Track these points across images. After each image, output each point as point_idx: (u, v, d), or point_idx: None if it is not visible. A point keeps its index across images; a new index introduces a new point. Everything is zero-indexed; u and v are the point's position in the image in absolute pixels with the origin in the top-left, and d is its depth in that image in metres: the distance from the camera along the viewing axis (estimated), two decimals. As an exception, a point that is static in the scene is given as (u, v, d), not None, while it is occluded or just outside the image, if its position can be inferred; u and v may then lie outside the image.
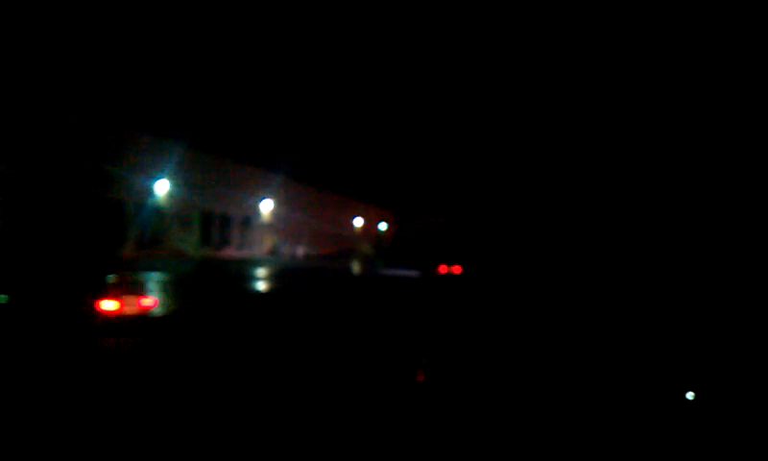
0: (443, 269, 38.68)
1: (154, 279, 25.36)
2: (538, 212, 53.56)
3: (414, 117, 58.89)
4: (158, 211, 40.97)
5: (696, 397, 7.56)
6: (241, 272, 32.62)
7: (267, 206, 52.61)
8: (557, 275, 29.09)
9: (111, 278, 13.73)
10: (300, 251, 55.45)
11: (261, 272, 32.77)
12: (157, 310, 15.73)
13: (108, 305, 12.00)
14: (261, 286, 25.54)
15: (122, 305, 12.08)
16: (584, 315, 14.65)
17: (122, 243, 37.07)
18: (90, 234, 33.95)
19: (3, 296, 17.29)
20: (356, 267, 43.45)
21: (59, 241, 30.91)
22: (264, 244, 52.31)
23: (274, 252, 51.68)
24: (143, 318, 12.57)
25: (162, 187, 41.03)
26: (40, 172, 32.38)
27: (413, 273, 37.81)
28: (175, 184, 41.48)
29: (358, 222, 70.21)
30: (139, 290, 13.59)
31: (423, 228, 60.35)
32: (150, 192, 40.39)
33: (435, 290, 26.62)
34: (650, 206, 47.30)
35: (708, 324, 13.00)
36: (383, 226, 76.50)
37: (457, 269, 38.89)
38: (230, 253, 45.76)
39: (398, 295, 23.87)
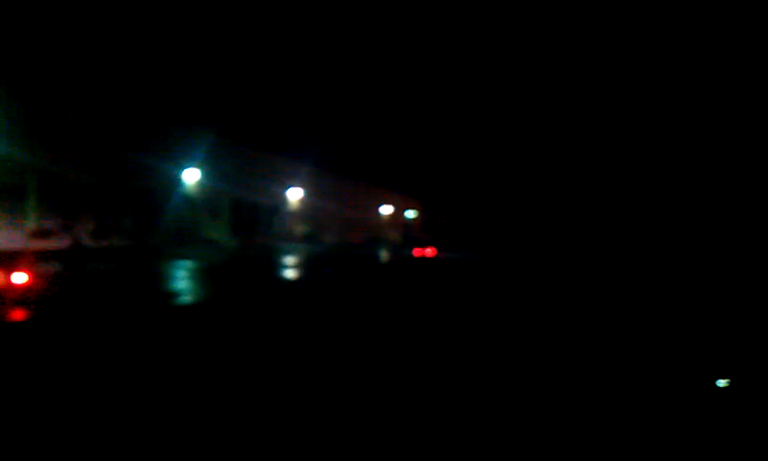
0: (417, 252, 38.97)
1: (184, 267, 25.59)
2: (563, 200, 53.35)
3: (440, 104, 58.64)
4: (189, 200, 41.31)
5: (729, 384, 7.45)
6: (272, 259, 32.80)
7: (296, 195, 52.77)
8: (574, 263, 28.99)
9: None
10: (329, 238, 55.59)
11: (292, 259, 32.91)
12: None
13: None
14: (291, 274, 25.65)
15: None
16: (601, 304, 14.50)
17: (152, 232, 37.45)
18: (121, 223, 34.35)
19: None
20: (384, 254, 43.48)
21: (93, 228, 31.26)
22: (293, 232, 52.50)
23: (304, 239, 51.85)
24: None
25: (193, 176, 41.34)
26: (74, 162, 32.78)
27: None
28: (205, 173, 41.77)
29: (386, 209, 70.17)
30: (15, 265, 13.98)
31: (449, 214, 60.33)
32: (180, 181, 40.72)
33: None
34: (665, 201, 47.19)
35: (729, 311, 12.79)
36: (411, 213, 76.38)
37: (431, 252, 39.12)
38: (260, 240, 45.99)
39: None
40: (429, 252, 39.72)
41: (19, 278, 13.61)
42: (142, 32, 37.46)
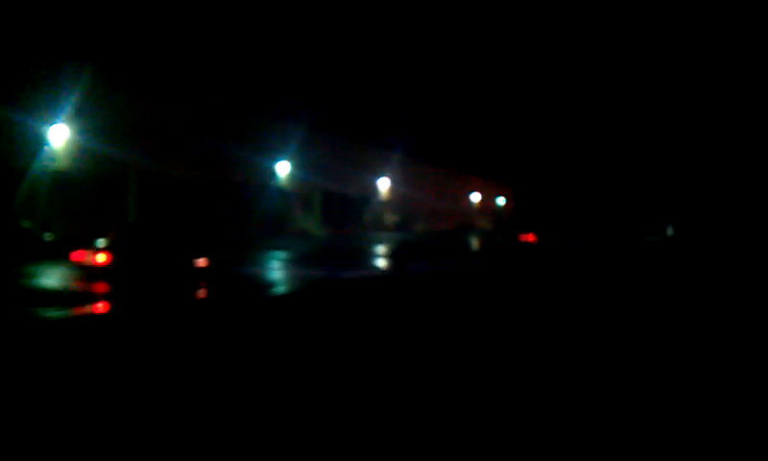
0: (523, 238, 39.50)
1: (277, 258, 25.91)
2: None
3: (529, 92, 57.50)
4: (281, 192, 41.93)
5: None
6: (365, 249, 32.84)
7: (386, 184, 52.81)
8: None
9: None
10: (420, 227, 55.43)
11: (384, 249, 32.85)
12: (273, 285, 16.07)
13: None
14: (384, 263, 25.54)
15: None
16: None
17: (247, 223, 38.17)
18: (215, 215, 35.14)
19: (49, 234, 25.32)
20: (475, 242, 42.95)
21: (185, 222, 32.08)
22: (384, 222, 52.59)
23: (394, 229, 51.87)
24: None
25: (284, 169, 41.90)
26: (169, 157, 33.68)
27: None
28: (296, 166, 42.28)
29: (476, 197, 69.48)
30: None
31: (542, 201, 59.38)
32: (272, 174, 41.35)
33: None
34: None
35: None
36: (501, 200, 75.39)
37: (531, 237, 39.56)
38: (351, 231, 46.25)
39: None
40: (531, 237, 40.14)
41: (100, 257, 15.74)
42: (235, 28, 38.14)
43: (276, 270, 21.68)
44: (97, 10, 30.87)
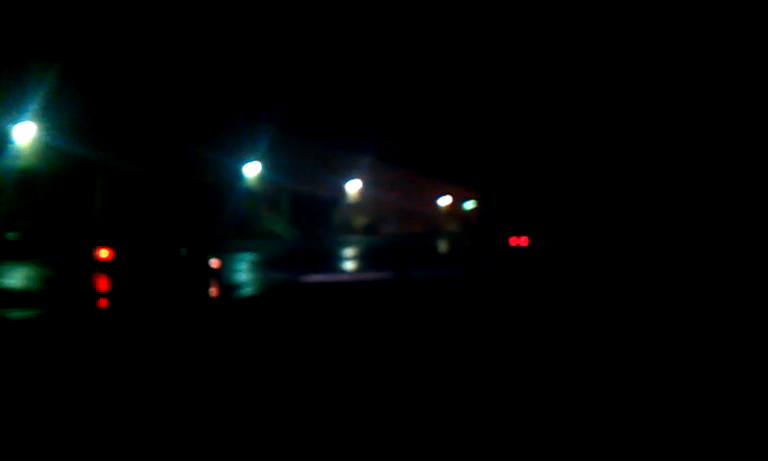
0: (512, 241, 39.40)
1: (244, 260, 25.85)
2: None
3: (497, 95, 57.95)
4: (250, 193, 41.80)
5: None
6: (332, 252, 32.89)
7: (355, 187, 52.90)
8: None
9: None
10: (388, 230, 55.55)
11: (351, 251, 32.96)
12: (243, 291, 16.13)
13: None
14: (352, 266, 25.64)
15: None
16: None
17: (215, 224, 37.97)
18: (181, 216, 34.90)
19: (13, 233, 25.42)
20: (443, 245, 43.24)
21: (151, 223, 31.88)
22: (353, 224, 52.66)
23: (363, 231, 51.95)
24: None
25: (253, 170, 41.80)
26: (137, 157, 33.43)
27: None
28: (265, 167, 42.19)
29: (444, 201, 69.82)
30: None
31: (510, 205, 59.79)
32: (241, 175, 41.22)
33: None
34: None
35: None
36: (469, 204, 75.83)
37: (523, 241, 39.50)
38: (320, 233, 46.24)
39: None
40: (523, 241, 40.20)
41: (104, 253, 17.98)
42: (204, 27, 37.95)
43: (243, 272, 21.67)
44: (63, 7, 30.58)
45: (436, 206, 68.54)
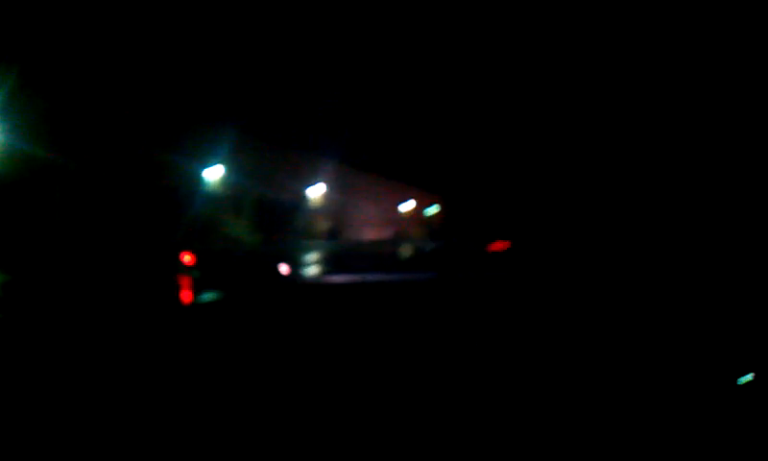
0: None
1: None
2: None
3: (459, 99, 58.17)
4: (211, 198, 41.25)
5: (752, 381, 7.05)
6: (295, 256, 32.58)
7: (319, 191, 52.59)
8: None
9: None
10: (352, 235, 55.40)
11: (316, 256, 32.72)
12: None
13: None
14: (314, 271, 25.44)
15: None
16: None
17: (176, 229, 37.39)
18: (141, 221, 34.31)
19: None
20: (406, 250, 43.20)
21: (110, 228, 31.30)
22: (316, 229, 52.34)
23: (326, 236, 51.67)
24: None
25: (215, 174, 41.26)
26: (98, 161, 32.79)
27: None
28: (227, 171, 41.69)
29: (408, 205, 69.84)
30: None
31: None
32: (203, 179, 40.66)
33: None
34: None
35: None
36: (432, 209, 75.97)
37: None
38: (283, 237, 45.83)
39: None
40: (501, 246, 40.53)
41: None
42: (163, 29, 37.41)
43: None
44: (19, 7, 29.88)
45: (400, 211, 68.55)
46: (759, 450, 5.37)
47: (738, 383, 7.02)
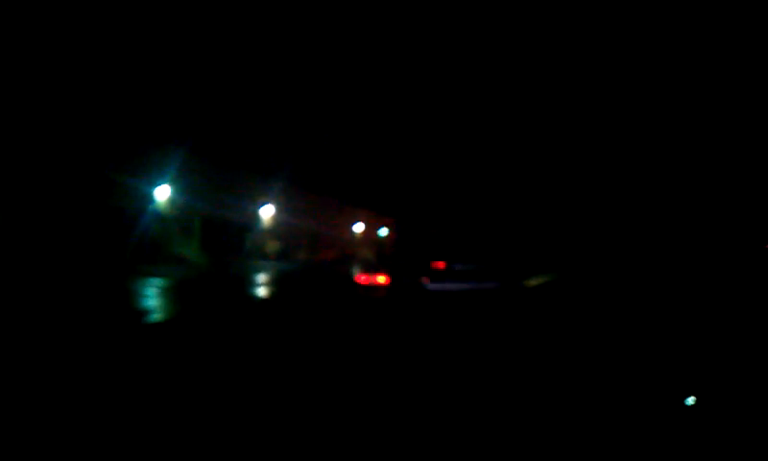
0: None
1: (154, 285, 25.29)
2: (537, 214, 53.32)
3: (414, 120, 58.78)
4: (160, 218, 40.87)
5: (697, 402, 7.33)
6: (244, 277, 32.54)
7: (268, 212, 52.51)
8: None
9: None
10: (301, 256, 55.38)
11: (264, 277, 32.70)
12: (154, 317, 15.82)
13: None
14: (263, 292, 25.48)
15: None
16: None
17: (124, 249, 36.95)
18: (89, 241, 33.86)
19: None
20: (357, 271, 43.30)
21: (55, 247, 30.85)
22: (265, 250, 52.20)
23: (275, 257, 51.58)
24: None
25: (163, 193, 40.91)
26: (40, 177, 32.29)
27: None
28: (176, 191, 41.39)
29: (358, 227, 70.12)
30: None
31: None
32: (151, 198, 40.29)
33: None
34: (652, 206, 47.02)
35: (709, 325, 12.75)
36: (383, 231, 76.38)
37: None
38: (232, 258, 45.62)
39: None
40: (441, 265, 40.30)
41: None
42: (109, 43, 37.12)
43: (152, 298, 21.22)
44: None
45: (351, 232, 68.77)
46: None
47: (686, 404, 7.24)
